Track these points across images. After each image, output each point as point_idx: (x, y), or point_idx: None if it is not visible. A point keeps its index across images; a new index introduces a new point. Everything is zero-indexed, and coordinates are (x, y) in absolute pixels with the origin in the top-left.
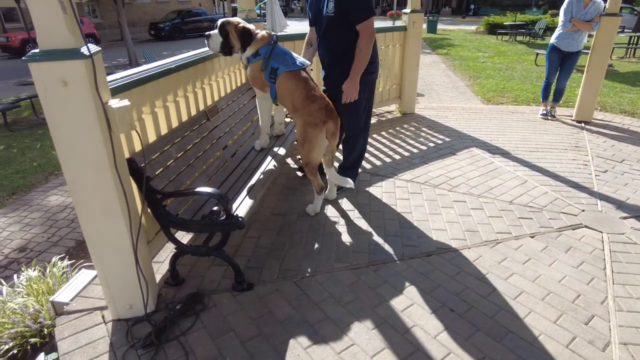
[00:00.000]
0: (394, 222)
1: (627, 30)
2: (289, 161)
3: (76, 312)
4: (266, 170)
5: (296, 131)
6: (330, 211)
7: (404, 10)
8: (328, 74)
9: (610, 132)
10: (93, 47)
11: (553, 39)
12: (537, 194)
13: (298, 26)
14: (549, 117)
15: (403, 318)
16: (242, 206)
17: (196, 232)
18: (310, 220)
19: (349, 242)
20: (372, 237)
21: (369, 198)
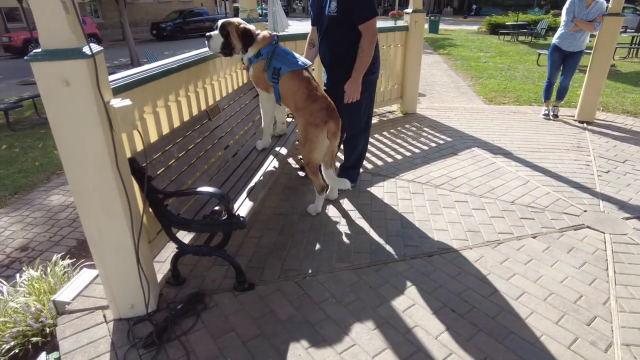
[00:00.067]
0: (396, 222)
1: (630, 30)
2: (291, 161)
3: (77, 312)
4: (267, 170)
5: (297, 131)
6: (331, 211)
7: (406, 10)
8: (329, 74)
9: (612, 133)
10: (95, 47)
11: (555, 39)
12: (539, 195)
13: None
14: (552, 117)
15: (404, 318)
16: (244, 206)
17: (197, 232)
18: (311, 220)
19: (351, 242)
20: (374, 237)
21: (371, 198)
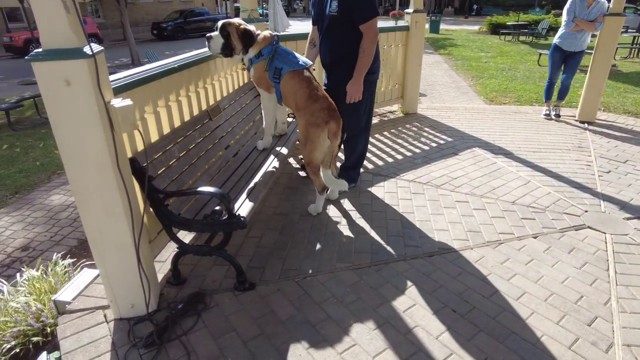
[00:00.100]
0: (396, 222)
1: (631, 30)
2: (291, 161)
3: (78, 311)
4: (268, 170)
5: (298, 131)
6: (332, 211)
7: (407, 10)
8: (330, 74)
9: (613, 133)
10: (96, 47)
11: (556, 39)
12: (540, 195)
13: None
14: (555, 117)
15: (405, 318)
16: (244, 206)
17: (198, 232)
18: (312, 220)
19: (351, 242)
20: (374, 237)
21: (371, 198)
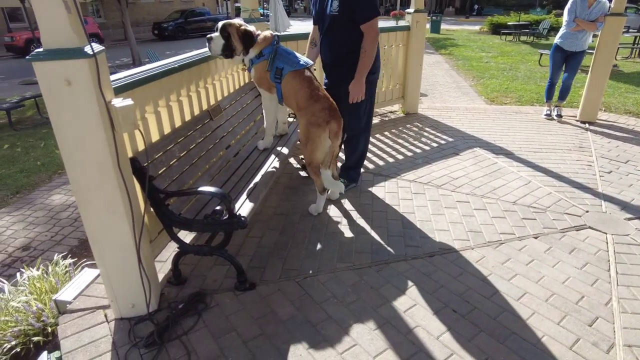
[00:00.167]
0: (397, 223)
1: (632, 30)
2: (292, 161)
3: (79, 311)
4: (269, 170)
5: (299, 131)
6: (332, 211)
7: (407, 10)
8: (330, 74)
9: (614, 133)
10: (97, 47)
11: (557, 39)
12: (541, 195)
13: (301, 26)
14: (556, 117)
15: (405, 319)
16: (245, 206)
17: (199, 232)
18: (312, 220)
19: (352, 242)
20: (375, 238)
21: (372, 198)
